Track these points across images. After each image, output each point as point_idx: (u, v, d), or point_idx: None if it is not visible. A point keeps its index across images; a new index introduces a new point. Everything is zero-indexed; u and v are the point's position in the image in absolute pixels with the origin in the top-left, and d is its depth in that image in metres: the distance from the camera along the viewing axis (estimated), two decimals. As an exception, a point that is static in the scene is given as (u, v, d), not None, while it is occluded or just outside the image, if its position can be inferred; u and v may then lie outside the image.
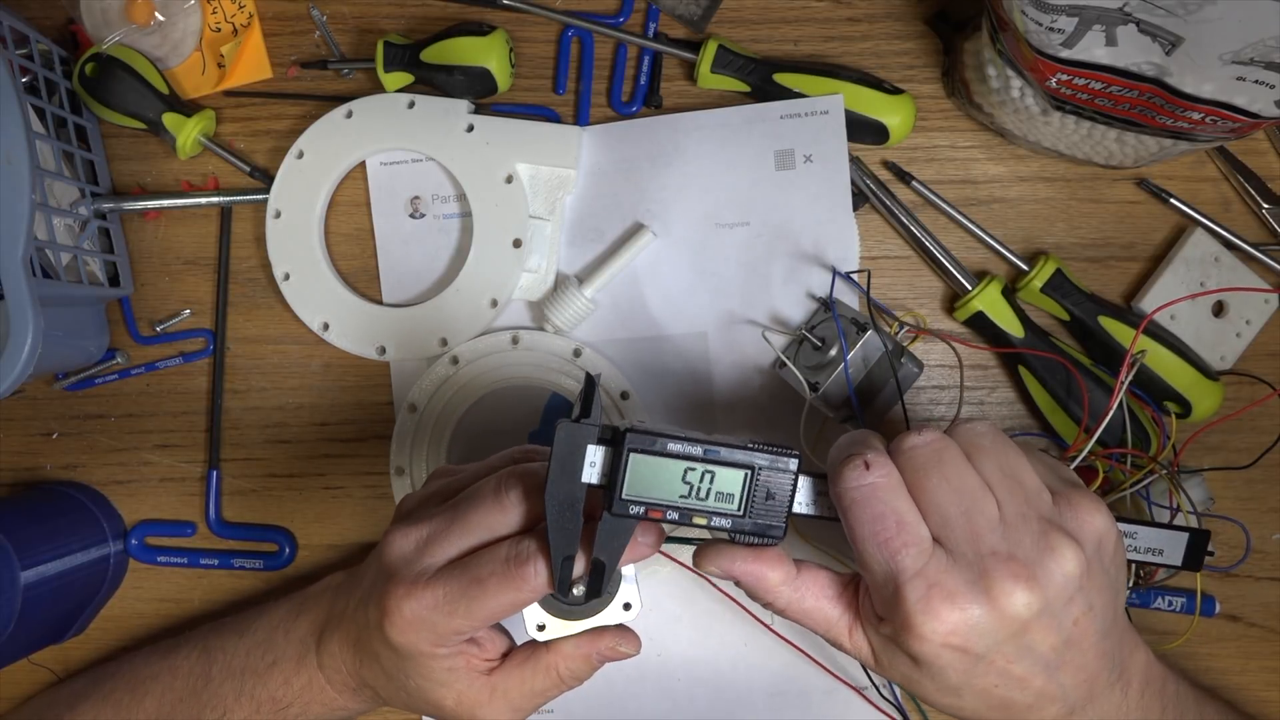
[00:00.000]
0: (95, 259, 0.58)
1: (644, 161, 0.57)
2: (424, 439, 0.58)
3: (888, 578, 0.36)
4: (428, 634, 0.39)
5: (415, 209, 0.59)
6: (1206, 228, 0.56)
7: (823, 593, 0.40)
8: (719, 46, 0.56)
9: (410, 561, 0.40)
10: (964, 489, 0.37)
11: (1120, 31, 0.42)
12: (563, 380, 0.58)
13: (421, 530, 0.41)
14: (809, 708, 0.58)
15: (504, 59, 0.56)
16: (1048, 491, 0.39)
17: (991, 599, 0.36)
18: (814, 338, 0.54)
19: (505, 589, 0.38)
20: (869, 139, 0.56)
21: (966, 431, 0.39)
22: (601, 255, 0.58)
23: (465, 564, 0.39)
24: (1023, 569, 0.36)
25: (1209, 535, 0.48)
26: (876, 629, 0.39)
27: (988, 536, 0.36)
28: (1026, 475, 0.38)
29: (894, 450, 0.38)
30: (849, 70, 0.56)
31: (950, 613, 0.36)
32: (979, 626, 0.36)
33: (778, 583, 0.39)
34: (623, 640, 0.42)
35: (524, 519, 0.40)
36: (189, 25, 0.59)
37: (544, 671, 0.41)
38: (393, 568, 0.41)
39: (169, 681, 0.53)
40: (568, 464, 0.37)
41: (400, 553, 0.41)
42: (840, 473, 0.38)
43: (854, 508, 0.37)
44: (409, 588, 0.39)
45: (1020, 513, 0.37)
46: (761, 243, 0.57)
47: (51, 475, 0.62)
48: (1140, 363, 0.53)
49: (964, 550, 0.36)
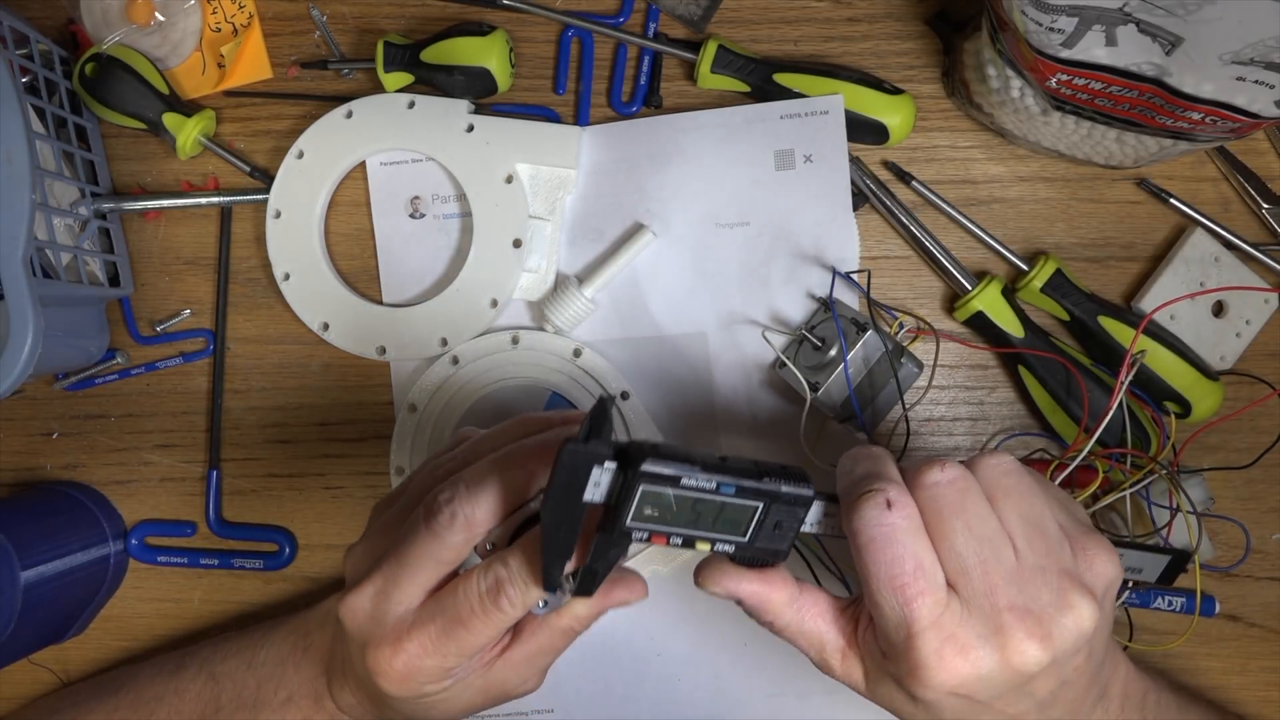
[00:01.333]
0: (95, 259, 0.58)
1: (644, 161, 0.57)
2: (424, 439, 0.58)
3: (900, 624, 0.35)
4: (429, 676, 0.39)
5: (415, 209, 0.59)
6: (1206, 228, 0.56)
7: (821, 615, 0.39)
8: (719, 46, 0.56)
9: (377, 620, 0.39)
10: (984, 536, 0.36)
11: (1120, 31, 0.42)
12: (562, 380, 0.58)
13: (371, 585, 0.39)
14: (809, 708, 0.58)
15: (504, 59, 0.56)
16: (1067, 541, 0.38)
17: (1005, 655, 0.35)
18: (814, 338, 0.54)
19: (488, 624, 0.37)
20: (869, 139, 0.56)
21: (991, 469, 0.38)
22: (601, 255, 0.58)
23: (440, 606, 0.38)
24: (1038, 626, 0.35)
25: (1188, 556, 0.49)
26: (878, 663, 0.38)
27: (1005, 589, 0.35)
28: (1048, 523, 0.37)
29: (914, 484, 0.37)
30: (849, 70, 0.56)
31: (962, 666, 0.35)
32: (988, 678, 0.35)
33: (782, 604, 0.38)
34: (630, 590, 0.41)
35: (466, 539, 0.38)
36: (189, 25, 0.59)
37: (558, 635, 0.41)
38: (363, 633, 0.39)
39: (176, 704, 0.52)
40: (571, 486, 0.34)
41: (362, 616, 0.39)
42: (859, 509, 0.36)
43: (871, 547, 0.36)
44: (392, 646, 0.38)
45: (1039, 565, 0.36)
46: (762, 243, 0.57)
47: (51, 475, 0.62)
48: (1140, 363, 0.53)
49: (980, 602, 0.35)
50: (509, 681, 0.41)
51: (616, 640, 0.58)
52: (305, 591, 0.61)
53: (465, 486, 0.38)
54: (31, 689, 0.62)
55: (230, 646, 0.54)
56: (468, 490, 0.38)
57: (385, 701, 0.42)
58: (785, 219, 0.57)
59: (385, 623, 0.39)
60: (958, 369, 0.58)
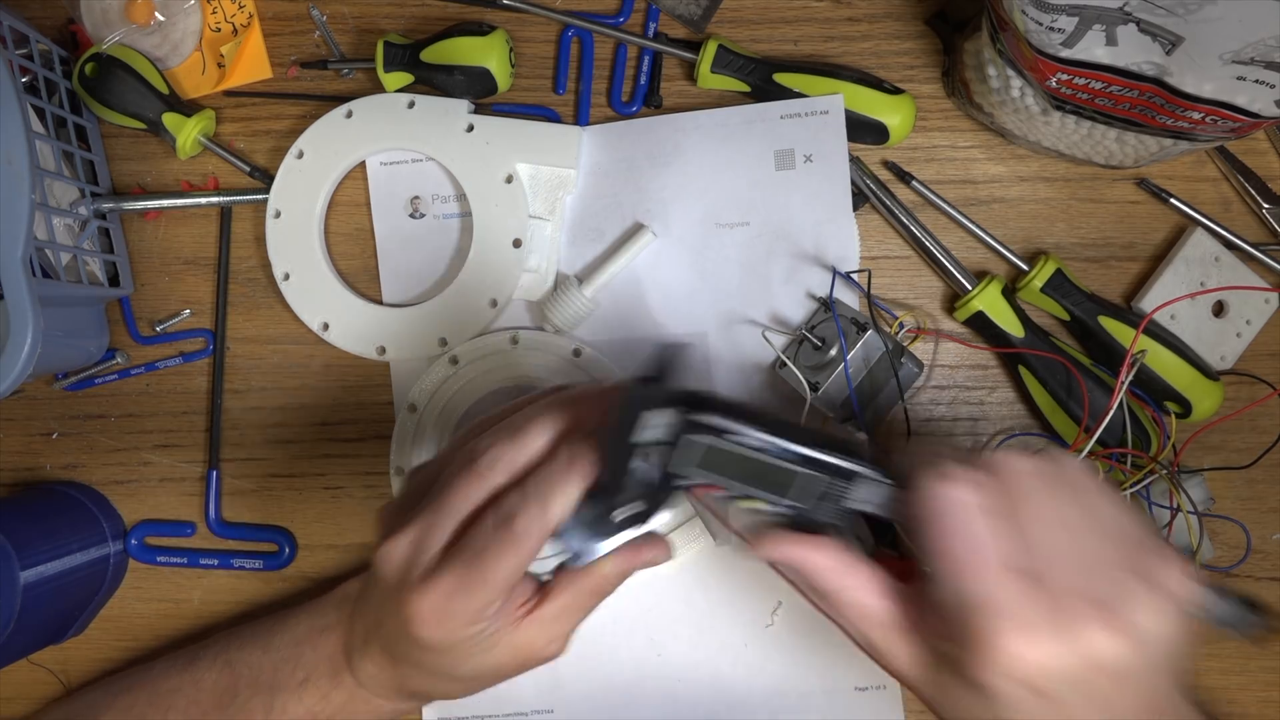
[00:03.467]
0: (95, 259, 0.58)
1: (644, 161, 0.57)
2: (424, 439, 0.58)
3: (972, 604, 0.35)
4: (458, 620, 0.39)
5: (415, 209, 0.59)
6: (1206, 228, 0.56)
7: (873, 589, 0.38)
8: (719, 46, 0.56)
9: (411, 565, 0.40)
10: (1065, 525, 0.36)
11: (1120, 31, 0.42)
12: (562, 380, 0.58)
13: (409, 533, 0.40)
14: (809, 708, 0.58)
15: (504, 59, 0.56)
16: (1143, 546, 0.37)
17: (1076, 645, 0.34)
18: (814, 337, 0.54)
19: (505, 553, 0.38)
20: (869, 139, 0.56)
21: (1070, 465, 0.38)
22: (602, 255, 0.58)
23: (460, 544, 0.39)
24: (1113, 618, 0.35)
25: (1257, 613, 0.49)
26: (937, 649, 0.37)
27: (1083, 579, 0.35)
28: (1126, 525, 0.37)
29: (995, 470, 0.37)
30: (849, 70, 0.56)
31: (1031, 651, 0.34)
32: (1057, 669, 0.35)
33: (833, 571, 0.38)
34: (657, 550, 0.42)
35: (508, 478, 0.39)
36: (189, 25, 0.59)
37: (587, 594, 0.41)
38: (396, 576, 0.40)
39: (193, 694, 0.52)
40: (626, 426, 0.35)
41: (396, 562, 0.40)
42: (941, 488, 0.36)
43: (949, 526, 0.35)
44: (420, 587, 0.39)
45: (1118, 562, 0.36)
46: (761, 243, 0.57)
47: (51, 475, 0.62)
48: (1140, 363, 0.53)
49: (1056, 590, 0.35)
50: (536, 642, 0.41)
51: (616, 640, 0.58)
52: (305, 591, 0.61)
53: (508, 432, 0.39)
54: (31, 689, 0.62)
55: (246, 634, 0.54)
56: (510, 435, 0.39)
57: (417, 657, 0.42)
58: (785, 219, 0.57)
59: (420, 565, 0.39)
60: (958, 369, 0.58)
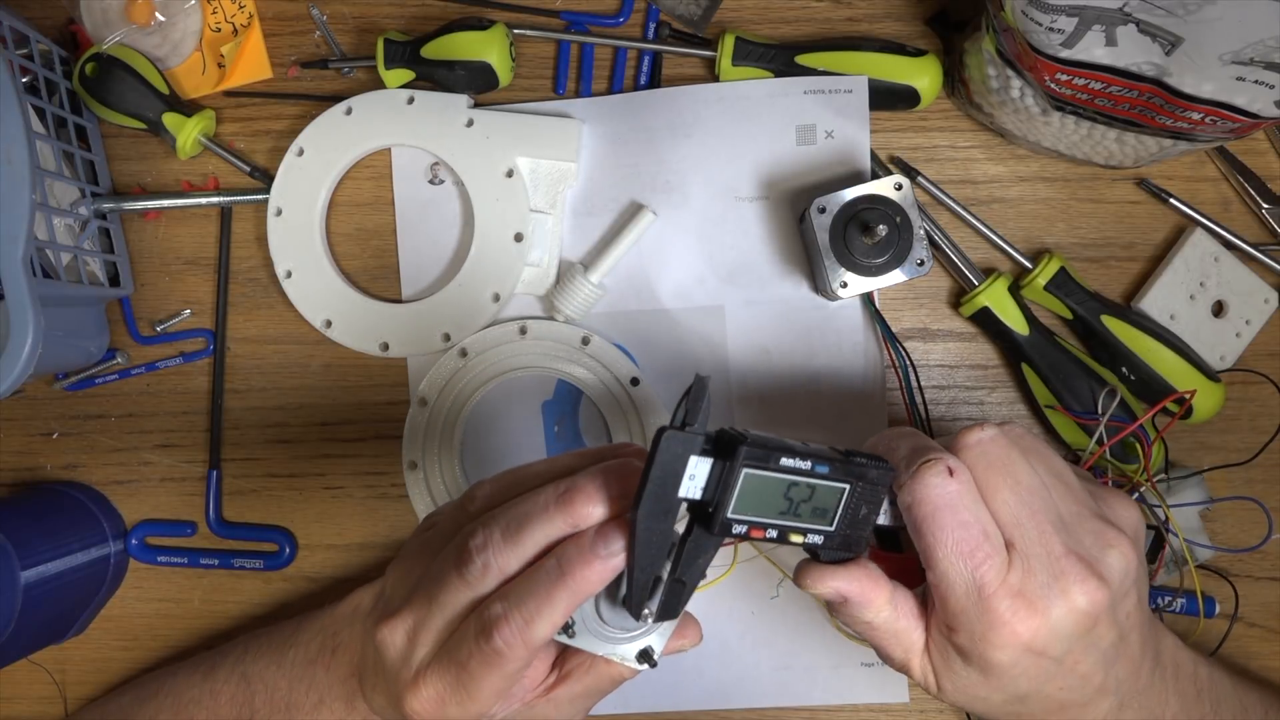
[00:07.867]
0: (95, 259, 0.58)
1: (664, 132, 0.57)
2: (435, 432, 0.58)
3: (970, 590, 0.36)
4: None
5: (435, 174, 0.59)
6: (1206, 228, 0.56)
7: (912, 613, 0.39)
8: (737, 39, 0.55)
9: (405, 657, 0.39)
10: (1031, 488, 0.37)
11: (1120, 31, 0.42)
12: (571, 368, 0.58)
13: (405, 620, 0.38)
14: (814, 684, 0.58)
15: (504, 53, 0.56)
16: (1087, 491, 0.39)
17: (1069, 599, 0.36)
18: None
19: (489, 669, 0.36)
20: (901, 106, 0.56)
21: (1012, 430, 0.38)
22: (604, 238, 0.58)
23: (447, 647, 0.37)
24: (1091, 566, 0.36)
25: None
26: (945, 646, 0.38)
27: (1056, 537, 0.36)
28: (1069, 476, 0.39)
29: (958, 448, 0.37)
30: (871, 40, 0.56)
31: (1033, 618, 0.35)
32: (1058, 628, 0.36)
33: (885, 601, 0.38)
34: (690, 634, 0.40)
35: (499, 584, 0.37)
36: (189, 25, 0.59)
37: (608, 680, 0.40)
38: (395, 665, 0.39)
39: (212, 706, 0.52)
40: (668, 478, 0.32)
41: (394, 652, 0.39)
42: (922, 480, 0.36)
43: (937, 516, 0.36)
44: (413, 686, 0.38)
45: (1076, 511, 0.37)
46: (778, 217, 0.57)
47: (51, 475, 0.62)
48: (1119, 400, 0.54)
49: (1037, 553, 0.36)
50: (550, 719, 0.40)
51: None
52: (305, 591, 0.61)
53: (501, 533, 0.37)
54: (31, 689, 0.62)
55: (260, 646, 0.53)
56: (503, 538, 0.36)
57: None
58: (804, 194, 0.56)
59: (414, 662, 0.38)
60: (958, 369, 0.58)
